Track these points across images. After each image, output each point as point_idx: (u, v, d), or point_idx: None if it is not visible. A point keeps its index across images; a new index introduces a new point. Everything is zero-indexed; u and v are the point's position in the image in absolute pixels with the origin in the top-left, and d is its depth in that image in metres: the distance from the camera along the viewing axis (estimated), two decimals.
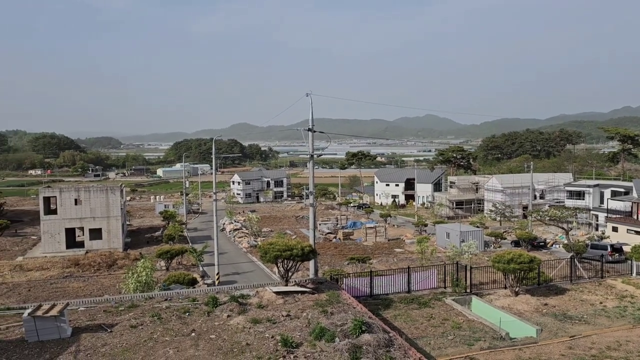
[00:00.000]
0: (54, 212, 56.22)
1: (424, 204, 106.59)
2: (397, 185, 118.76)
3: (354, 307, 22.76)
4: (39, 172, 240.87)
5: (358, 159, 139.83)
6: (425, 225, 70.71)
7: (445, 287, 33.36)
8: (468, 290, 32.58)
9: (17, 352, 17.50)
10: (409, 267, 33.91)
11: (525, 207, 78.76)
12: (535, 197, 79.33)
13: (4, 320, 20.94)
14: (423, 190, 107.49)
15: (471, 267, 34.79)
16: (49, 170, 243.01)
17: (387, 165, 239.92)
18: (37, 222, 60.79)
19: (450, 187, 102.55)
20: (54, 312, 18.74)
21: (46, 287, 38.01)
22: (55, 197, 56.28)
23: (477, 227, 60.96)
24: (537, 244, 54.09)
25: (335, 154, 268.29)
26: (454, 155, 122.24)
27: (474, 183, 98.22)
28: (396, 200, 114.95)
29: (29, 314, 18.62)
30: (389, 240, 63.01)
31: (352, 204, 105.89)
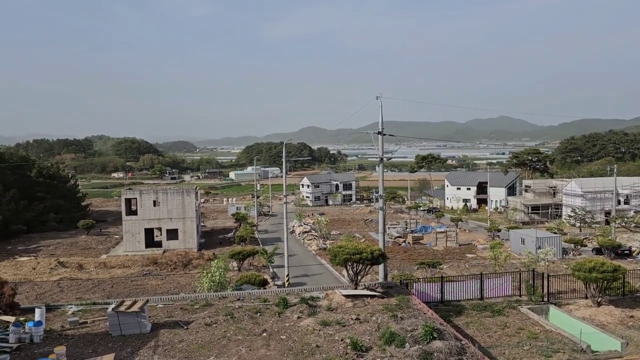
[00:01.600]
0: (135, 213, 59.22)
1: (497, 208, 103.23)
2: (468, 188, 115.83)
3: (425, 313, 22.38)
4: (120, 174, 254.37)
5: (428, 162, 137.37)
6: (499, 230, 68.39)
7: (520, 295, 32.07)
8: (545, 299, 31.15)
9: (102, 344, 18.58)
10: (481, 274, 32.91)
11: (607, 213, 74.35)
12: (619, 202, 74.73)
13: (91, 314, 22.30)
14: (496, 194, 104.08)
15: (548, 275, 33.25)
16: (130, 173, 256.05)
17: (458, 169, 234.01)
18: (120, 222, 64.36)
19: (525, 191, 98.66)
20: (135, 308, 19.74)
21: (127, 284, 40.08)
22: (136, 198, 59.30)
23: (555, 233, 58.23)
24: (621, 252, 50.93)
25: (406, 157, 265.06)
26: (529, 158, 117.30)
27: (551, 187, 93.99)
28: (467, 204, 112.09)
29: (112, 309, 19.72)
30: (460, 245, 61.50)
31: (421, 208, 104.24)
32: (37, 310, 20.40)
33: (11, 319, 20.63)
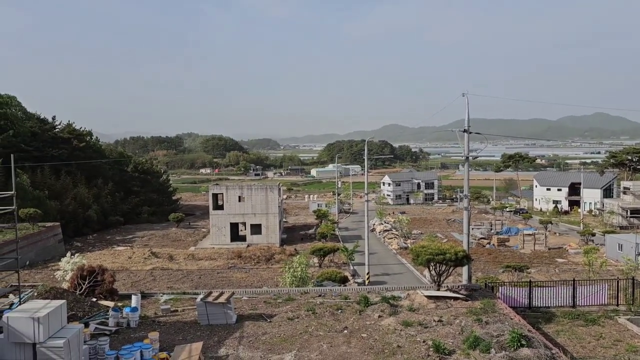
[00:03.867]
0: (221, 207, 61.52)
1: (591, 211, 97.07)
2: (559, 189, 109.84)
3: (511, 318, 21.49)
4: (208, 170, 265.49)
5: (515, 161, 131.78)
6: (593, 234, 64.31)
7: (617, 305, 29.96)
8: None
9: (191, 332, 19.49)
10: (574, 280, 31.08)
11: None
12: None
13: (181, 303, 23.45)
14: (590, 195, 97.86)
15: None
16: (216, 169, 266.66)
17: (547, 168, 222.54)
18: (207, 216, 67.24)
19: (624, 193, 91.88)
20: (222, 299, 20.52)
21: (214, 276, 41.76)
22: (222, 194, 61.59)
23: None
24: None
25: (493, 156, 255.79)
26: (629, 157, 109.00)
27: None
28: (558, 206, 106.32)
29: (201, 300, 20.61)
30: (549, 249, 58.48)
31: (507, 209, 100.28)
32: (133, 297, 21.76)
33: (110, 304, 22.16)
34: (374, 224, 76.07)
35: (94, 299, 22.60)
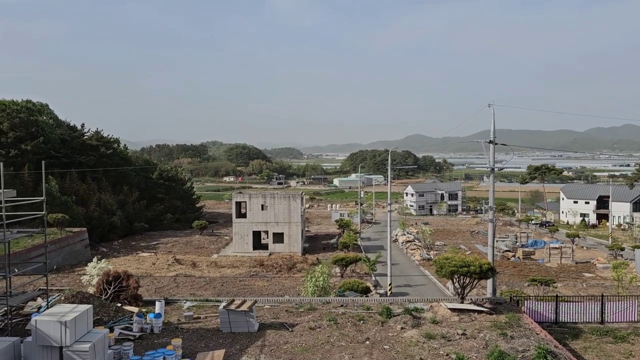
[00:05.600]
0: (244, 215, 61.84)
1: (620, 225, 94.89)
2: (587, 202, 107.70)
3: (537, 333, 21.07)
4: (231, 178, 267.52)
5: (541, 172, 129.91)
6: (622, 249, 62.72)
7: None
8: None
9: (214, 339, 19.58)
10: (602, 295, 30.36)
11: None
12: None
13: (203, 310, 23.60)
14: (619, 209, 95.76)
15: None
16: (239, 178, 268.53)
17: (575, 180, 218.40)
18: (230, 224, 67.66)
19: None
20: (244, 307, 20.59)
21: (236, 283, 41.94)
22: (245, 202, 61.94)
23: None
24: None
25: (519, 167, 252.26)
26: None
27: None
28: (585, 219, 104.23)
29: (223, 307, 20.71)
30: (576, 263, 57.25)
31: (533, 221, 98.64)
32: (157, 303, 21.99)
33: (135, 309, 22.42)
34: (397, 235, 75.55)
35: (119, 304, 22.91)
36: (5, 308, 19.03)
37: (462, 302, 24.81)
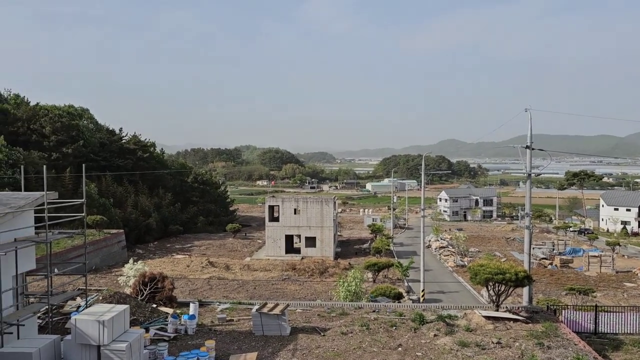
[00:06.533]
0: (277, 219, 62.24)
1: None
2: (628, 209, 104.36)
3: (575, 344, 20.48)
4: (264, 182, 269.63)
5: (580, 179, 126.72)
6: None
7: None
8: None
9: (246, 342, 19.73)
10: None
11: None
12: None
13: (236, 313, 23.82)
14: None
15: None
16: (273, 182, 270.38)
17: (615, 187, 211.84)
18: (263, 228, 68.20)
19: None
20: (277, 310, 20.69)
21: (268, 287, 42.20)
22: (278, 206, 62.34)
23: None
24: None
25: (557, 173, 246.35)
26: None
27: None
28: (627, 227, 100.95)
29: (256, 310, 20.85)
30: (617, 272, 55.49)
31: (571, 229, 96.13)
32: (191, 305, 22.30)
33: (169, 310, 22.81)
34: (430, 240, 74.74)
35: (154, 305, 23.33)
36: (47, 307, 19.63)
37: (497, 310, 24.34)
